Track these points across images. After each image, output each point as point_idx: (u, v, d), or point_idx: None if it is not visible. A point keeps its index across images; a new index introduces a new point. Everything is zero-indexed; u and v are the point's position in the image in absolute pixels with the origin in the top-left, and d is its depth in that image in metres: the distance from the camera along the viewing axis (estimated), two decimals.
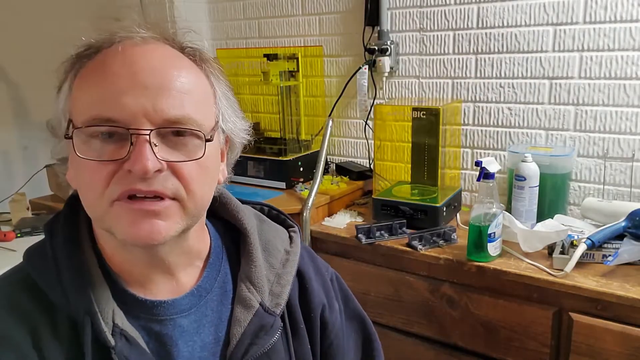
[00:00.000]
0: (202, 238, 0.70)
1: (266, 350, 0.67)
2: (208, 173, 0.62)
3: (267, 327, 0.67)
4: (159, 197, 0.57)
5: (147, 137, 0.55)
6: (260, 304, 0.68)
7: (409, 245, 1.41)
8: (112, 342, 0.59)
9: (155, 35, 0.61)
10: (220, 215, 0.76)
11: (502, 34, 1.62)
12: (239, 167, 1.93)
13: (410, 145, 1.64)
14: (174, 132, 0.58)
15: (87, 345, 0.58)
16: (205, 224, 0.72)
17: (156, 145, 0.56)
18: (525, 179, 1.43)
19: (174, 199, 0.58)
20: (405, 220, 1.49)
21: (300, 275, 0.75)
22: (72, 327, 0.60)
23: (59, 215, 0.66)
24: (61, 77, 0.61)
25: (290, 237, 0.77)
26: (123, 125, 0.55)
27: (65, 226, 0.64)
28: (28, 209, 1.88)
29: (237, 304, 0.68)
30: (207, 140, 0.60)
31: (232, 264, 0.72)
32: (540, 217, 1.47)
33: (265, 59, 1.90)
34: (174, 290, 0.66)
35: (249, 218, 0.74)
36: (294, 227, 0.80)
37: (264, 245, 0.73)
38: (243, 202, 0.78)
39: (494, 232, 1.28)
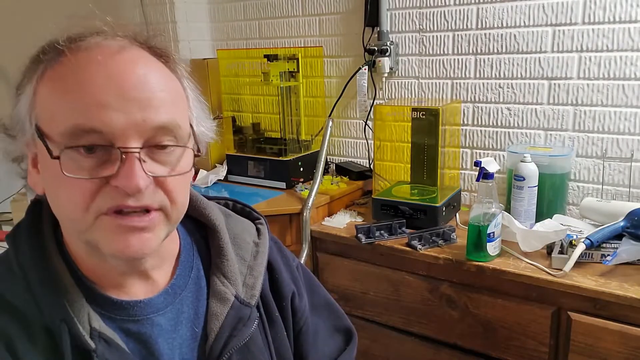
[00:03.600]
0: (173, 238, 0.71)
1: (245, 341, 0.67)
2: (187, 180, 0.63)
3: (245, 318, 0.68)
4: (145, 209, 0.57)
5: (137, 154, 0.55)
6: (235, 296, 0.69)
7: (408, 245, 1.42)
8: (92, 345, 0.58)
9: (129, 40, 0.60)
10: (187, 213, 0.75)
11: (502, 35, 1.62)
12: (240, 167, 1.93)
13: (410, 145, 1.64)
14: (159, 145, 0.58)
15: (67, 352, 0.57)
16: None
17: (144, 162, 0.56)
18: (524, 179, 1.43)
19: (158, 209, 0.59)
20: (404, 220, 1.49)
21: (270, 266, 0.76)
22: (49, 336, 0.59)
23: (20, 225, 0.64)
24: (26, 76, 0.59)
25: (258, 230, 0.78)
26: (109, 138, 0.55)
27: (30, 236, 0.63)
28: None
29: (212, 298, 0.69)
30: (187, 148, 0.61)
31: (204, 259, 0.73)
32: (539, 217, 1.47)
33: (266, 59, 1.90)
34: (149, 290, 0.66)
35: (216, 214, 0.75)
36: (260, 219, 0.80)
37: (233, 239, 0.74)
38: (208, 198, 0.78)
39: (493, 232, 1.28)
